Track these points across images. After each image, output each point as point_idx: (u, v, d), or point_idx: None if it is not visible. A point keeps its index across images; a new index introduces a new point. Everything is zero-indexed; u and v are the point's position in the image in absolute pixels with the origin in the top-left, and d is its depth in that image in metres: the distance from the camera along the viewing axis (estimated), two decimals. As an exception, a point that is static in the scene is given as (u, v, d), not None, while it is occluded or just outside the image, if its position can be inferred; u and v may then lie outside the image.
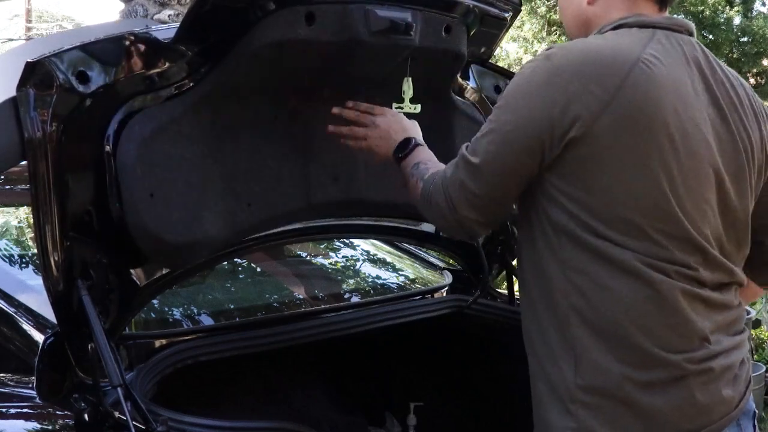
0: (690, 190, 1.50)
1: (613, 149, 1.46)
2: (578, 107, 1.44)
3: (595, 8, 1.63)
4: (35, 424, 1.78)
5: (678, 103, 1.49)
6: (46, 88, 1.55)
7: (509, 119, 1.53)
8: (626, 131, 1.45)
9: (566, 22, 1.72)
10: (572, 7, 1.67)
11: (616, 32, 1.57)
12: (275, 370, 2.55)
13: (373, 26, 1.78)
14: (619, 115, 1.45)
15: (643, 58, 1.48)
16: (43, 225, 1.60)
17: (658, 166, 1.46)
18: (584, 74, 1.46)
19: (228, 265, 2.70)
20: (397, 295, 2.73)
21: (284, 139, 1.97)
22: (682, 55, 1.56)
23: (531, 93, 1.50)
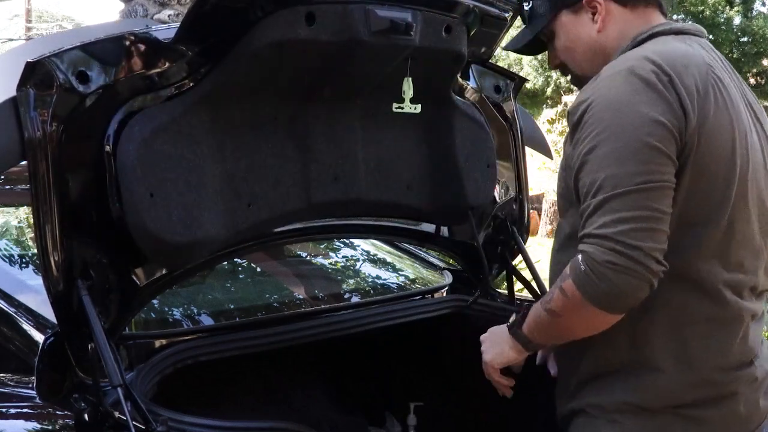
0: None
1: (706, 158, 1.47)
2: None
3: (608, 33, 1.63)
4: (35, 424, 1.78)
5: (733, 111, 1.51)
6: (46, 88, 1.55)
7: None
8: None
9: (579, 59, 1.68)
10: (582, 41, 1.66)
11: (660, 40, 1.56)
12: (275, 370, 2.55)
13: (373, 26, 1.79)
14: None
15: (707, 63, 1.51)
16: (43, 225, 1.60)
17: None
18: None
19: (228, 265, 2.70)
20: (397, 295, 2.73)
21: (284, 139, 1.97)
22: (717, 57, 1.58)
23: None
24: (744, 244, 1.52)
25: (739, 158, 1.50)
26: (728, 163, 1.48)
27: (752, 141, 1.54)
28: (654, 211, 1.39)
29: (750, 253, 1.53)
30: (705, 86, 1.47)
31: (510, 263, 2.55)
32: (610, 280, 1.38)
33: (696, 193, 1.46)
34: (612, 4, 1.63)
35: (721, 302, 1.49)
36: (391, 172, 2.18)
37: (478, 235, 2.42)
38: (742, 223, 1.51)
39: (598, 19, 1.63)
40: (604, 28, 1.63)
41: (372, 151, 2.14)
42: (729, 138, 1.48)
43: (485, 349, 1.77)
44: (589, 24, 1.65)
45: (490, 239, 2.52)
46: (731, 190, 1.49)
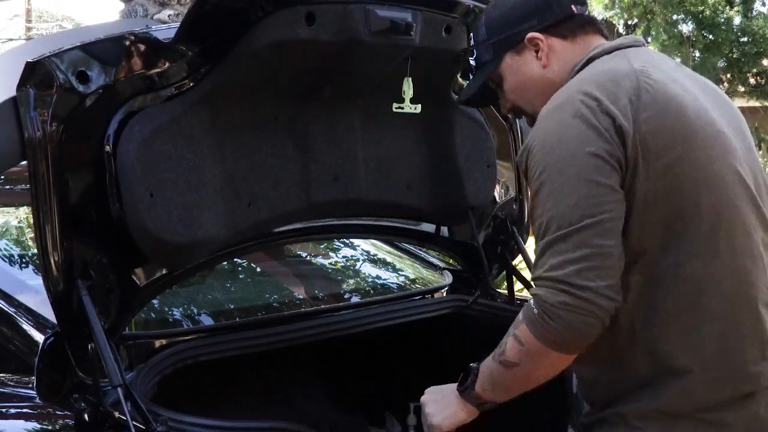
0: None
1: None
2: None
3: (553, 68, 1.64)
4: (35, 424, 1.78)
5: (681, 106, 1.50)
6: (46, 88, 1.55)
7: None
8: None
9: (529, 97, 1.68)
10: (530, 79, 1.66)
11: (592, 64, 1.57)
12: (275, 370, 2.55)
13: (374, 26, 1.79)
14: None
15: (637, 70, 1.50)
16: (43, 225, 1.60)
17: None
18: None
19: (228, 265, 2.70)
20: (397, 295, 2.73)
21: (284, 139, 1.97)
22: (663, 58, 1.61)
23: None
24: (744, 233, 1.51)
25: (702, 142, 1.48)
26: (688, 154, 1.46)
27: (715, 126, 1.53)
28: (599, 247, 1.40)
29: (753, 243, 1.52)
30: (638, 93, 1.46)
31: (510, 263, 2.55)
32: (564, 319, 1.40)
33: (669, 194, 1.45)
34: (552, 38, 1.64)
35: (731, 297, 1.49)
36: (391, 172, 2.18)
37: (478, 235, 2.42)
38: (732, 210, 1.50)
39: (542, 55, 1.64)
40: (548, 63, 1.64)
41: (372, 151, 2.14)
42: (680, 130, 1.47)
43: (432, 411, 1.76)
44: (534, 62, 1.65)
45: (490, 239, 2.52)
46: (704, 176, 1.47)
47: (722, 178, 1.48)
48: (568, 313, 1.39)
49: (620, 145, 1.43)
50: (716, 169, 1.48)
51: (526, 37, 1.63)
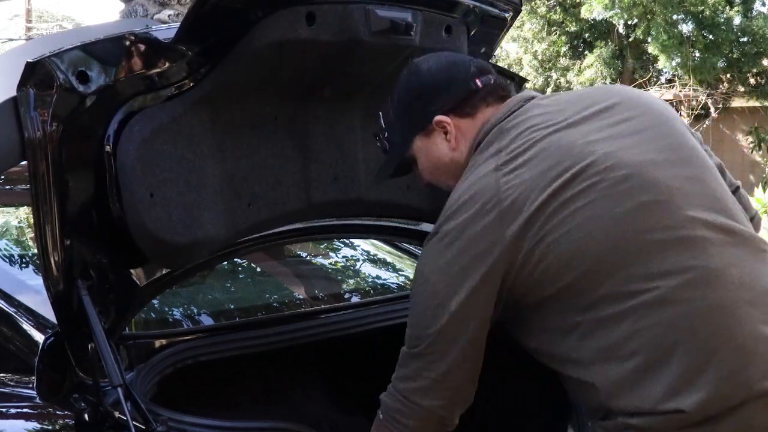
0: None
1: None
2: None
3: (461, 149, 1.67)
4: (35, 424, 1.78)
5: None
6: (46, 88, 1.55)
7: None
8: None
9: (443, 178, 1.71)
10: (440, 161, 1.70)
11: (469, 170, 1.60)
12: (275, 370, 2.55)
13: (374, 26, 1.79)
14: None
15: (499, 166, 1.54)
16: (43, 225, 1.60)
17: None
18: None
19: (228, 265, 2.70)
20: (397, 295, 2.73)
21: (284, 139, 1.97)
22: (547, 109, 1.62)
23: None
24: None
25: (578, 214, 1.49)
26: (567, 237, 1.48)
27: (629, 153, 1.52)
28: (439, 372, 1.56)
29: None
30: (499, 201, 1.49)
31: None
32: (402, 425, 1.61)
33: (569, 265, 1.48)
34: (459, 119, 1.66)
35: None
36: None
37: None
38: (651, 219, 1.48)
39: (450, 138, 1.67)
40: (457, 145, 1.67)
41: (372, 151, 2.13)
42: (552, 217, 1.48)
43: None
44: (443, 144, 1.68)
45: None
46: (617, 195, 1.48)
47: (628, 219, 1.48)
48: (405, 419, 1.60)
49: (501, 269, 1.50)
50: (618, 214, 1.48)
51: (433, 120, 1.66)
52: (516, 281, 1.51)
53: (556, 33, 16.30)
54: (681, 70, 14.61)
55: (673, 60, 14.45)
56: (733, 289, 1.45)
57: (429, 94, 1.68)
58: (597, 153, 1.51)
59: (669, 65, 14.74)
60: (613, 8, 14.31)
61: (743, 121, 15.71)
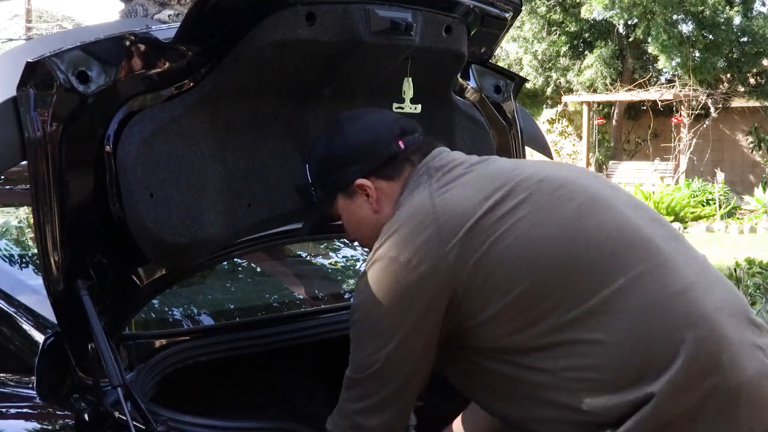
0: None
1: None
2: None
3: (384, 210, 1.66)
4: (35, 424, 1.78)
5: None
6: (46, 88, 1.55)
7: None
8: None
9: (366, 237, 1.71)
10: (363, 222, 1.70)
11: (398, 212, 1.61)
12: (275, 370, 2.55)
13: (374, 26, 1.78)
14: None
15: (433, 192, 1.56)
16: (43, 225, 1.60)
17: None
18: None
19: (228, 265, 2.70)
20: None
21: (285, 139, 1.97)
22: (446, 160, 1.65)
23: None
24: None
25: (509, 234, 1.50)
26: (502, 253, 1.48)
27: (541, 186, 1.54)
28: (382, 395, 1.56)
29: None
30: (437, 228, 1.50)
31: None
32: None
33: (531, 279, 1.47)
34: (380, 181, 1.66)
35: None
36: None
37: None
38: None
39: (372, 201, 1.67)
40: (380, 207, 1.66)
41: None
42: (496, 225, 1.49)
43: None
44: (365, 205, 1.68)
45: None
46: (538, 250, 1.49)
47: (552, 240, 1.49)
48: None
49: (435, 291, 1.49)
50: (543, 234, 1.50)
51: (354, 183, 1.66)
52: (464, 300, 1.49)
53: (556, 33, 16.31)
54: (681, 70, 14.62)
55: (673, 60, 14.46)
56: (685, 275, 1.47)
57: (350, 156, 1.67)
58: (527, 172, 1.57)
59: (669, 65, 14.75)
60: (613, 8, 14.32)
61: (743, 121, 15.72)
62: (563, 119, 18.72)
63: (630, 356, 1.42)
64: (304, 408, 2.56)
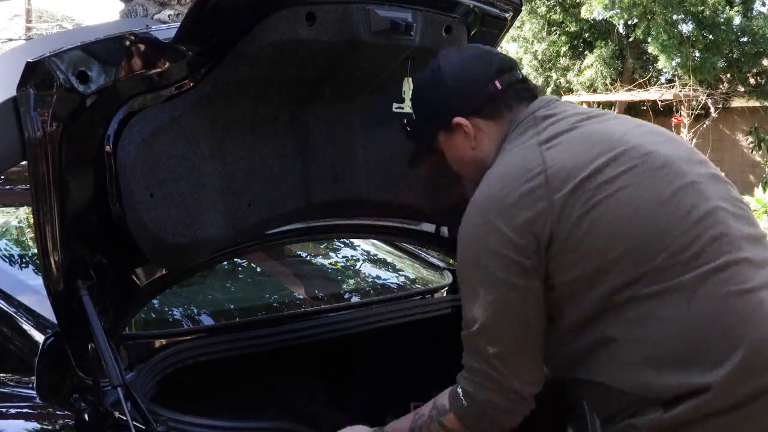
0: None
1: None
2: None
3: (482, 148, 1.70)
4: (35, 424, 1.78)
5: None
6: (46, 88, 1.55)
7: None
8: None
9: (466, 173, 1.76)
10: (462, 158, 1.74)
11: (505, 151, 1.64)
12: (275, 370, 2.55)
13: (374, 26, 1.79)
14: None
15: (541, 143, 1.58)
16: (43, 225, 1.60)
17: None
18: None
19: (228, 265, 2.70)
20: (397, 295, 2.73)
21: (285, 139, 1.97)
22: (570, 112, 1.66)
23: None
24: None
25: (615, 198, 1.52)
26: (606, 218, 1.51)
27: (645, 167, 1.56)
28: (515, 342, 1.55)
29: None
30: (544, 169, 1.53)
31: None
32: (491, 417, 1.58)
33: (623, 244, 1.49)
34: (477, 119, 1.70)
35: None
36: (391, 172, 2.18)
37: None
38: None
39: (469, 138, 1.71)
40: (477, 144, 1.71)
41: (372, 151, 2.14)
42: (595, 191, 1.51)
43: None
44: (464, 143, 1.72)
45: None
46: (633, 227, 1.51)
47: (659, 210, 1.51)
48: (495, 411, 1.57)
49: (532, 238, 1.50)
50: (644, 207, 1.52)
51: (452, 121, 1.70)
52: (557, 255, 1.51)
53: (556, 33, 16.30)
54: (681, 70, 14.60)
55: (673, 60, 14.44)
56: (761, 276, 1.51)
57: (448, 95, 1.71)
58: (633, 142, 1.58)
59: (669, 65, 14.73)
60: (613, 8, 14.30)
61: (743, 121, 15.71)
62: (563, 119, 18.68)
63: (694, 340, 1.46)
64: (304, 408, 2.57)
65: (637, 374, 1.48)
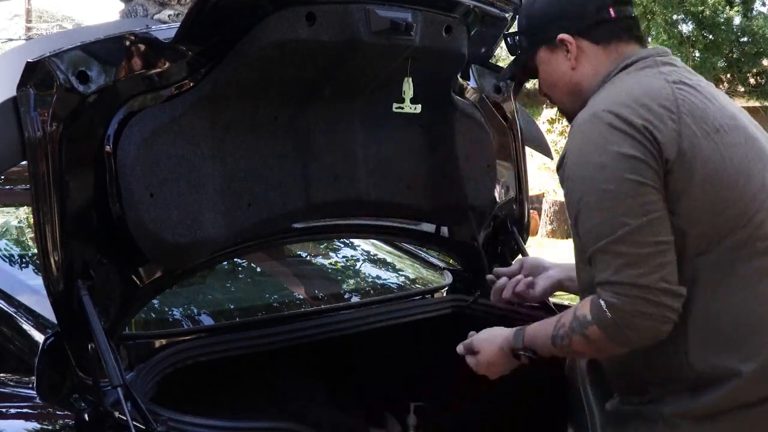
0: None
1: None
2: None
3: (582, 71, 1.68)
4: (35, 424, 1.78)
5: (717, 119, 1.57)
6: (46, 88, 1.55)
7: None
8: None
9: (558, 94, 1.74)
10: (560, 77, 1.71)
11: (626, 76, 1.61)
12: (275, 370, 2.55)
13: (374, 26, 1.79)
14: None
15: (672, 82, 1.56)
16: (43, 225, 1.60)
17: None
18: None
19: (228, 265, 2.70)
20: (397, 295, 2.73)
21: (285, 139, 1.97)
22: (686, 74, 1.64)
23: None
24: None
25: (744, 153, 1.55)
26: (730, 165, 1.52)
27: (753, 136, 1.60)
28: (657, 245, 1.45)
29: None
30: (675, 104, 1.52)
31: (510, 263, 2.55)
32: (639, 329, 1.46)
33: (715, 203, 1.50)
34: (583, 41, 1.67)
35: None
36: (391, 172, 2.18)
37: (478, 235, 2.42)
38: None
39: (571, 57, 1.68)
40: (577, 65, 1.68)
41: (372, 151, 2.14)
42: (717, 144, 1.52)
43: (482, 360, 1.82)
44: (564, 62, 1.69)
45: (490, 239, 2.52)
46: (750, 184, 1.53)
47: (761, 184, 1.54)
48: (644, 321, 1.45)
49: (657, 150, 1.48)
50: (754, 171, 1.54)
51: (557, 37, 1.68)
52: (676, 183, 1.49)
53: (556, 33, 16.30)
54: (681, 70, 14.59)
55: (673, 60, 14.43)
56: None
57: (559, 11, 1.69)
58: (745, 123, 1.62)
59: (669, 65, 14.72)
60: (613, 8, 14.28)
61: (743, 121, 15.71)
62: (563, 119, 18.72)
63: (742, 323, 1.49)
64: (304, 408, 2.56)
65: (694, 347, 1.50)
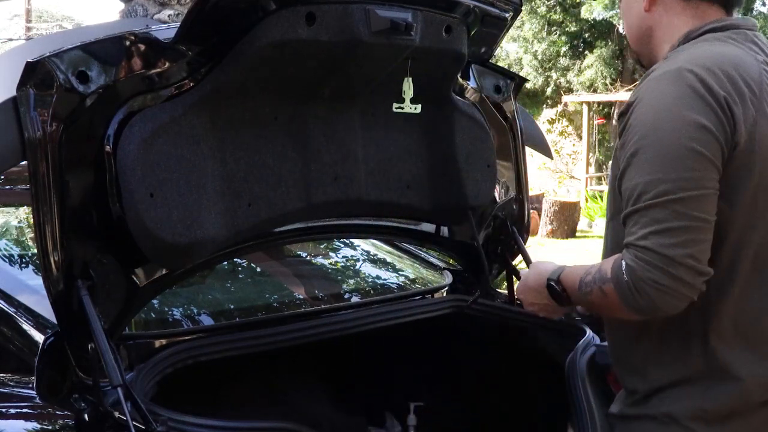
0: None
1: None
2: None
3: (654, 15, 1.63)
4: (35, 424, 1.78)
5: None
6: (46, 88, 1.55)
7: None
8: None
9: (628, 29, 1.71)
10: (632, 14, 1.68)
11: (711, 41, 1.55)
12: (275, 370, 2.55)
13: (374, 26, 1.79)
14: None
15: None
16: (43, 225, 1.60)
17: None
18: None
19: (228, 265, 2.70)
20: (397, 295, 2.73)
21: (284, 139, 1.97)
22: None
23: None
24: None
25: None
26: None
27: None
28: (696, 220, 1.39)
29: None
30: (759, 87, 1.47)
31: (510, 263, 2.55)
32: (651, 298, 1.39)
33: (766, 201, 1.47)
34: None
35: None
36: (391, 172, 2.18)
37: (478, 235, 2.42)
38: None
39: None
40: (650, 8, 1.63)
41: (372, 151, 2.14)
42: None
43: (522, 281, 1.81)
44: (638, 2, 1.65)
45: (490, 239, 2.52)
46: None
47: None
48: (656, 292, 1.39)
49: (731, 128, 1.42)
50: None
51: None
52: (732, 168, 1.45)
53: (556, 33, 16.29)
54: (681, 70, 14.59)
55: (673, 60, 14.43)
56: None
57: None
58: None
59: (669, 65, 14.72)
60: (613, 8, 14.30)
61: (743, 121, 15.70)
62: (563, 119, 18.70)
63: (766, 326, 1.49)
64: (304, 408, 2.56)
65: (718, 343, 1.49)
